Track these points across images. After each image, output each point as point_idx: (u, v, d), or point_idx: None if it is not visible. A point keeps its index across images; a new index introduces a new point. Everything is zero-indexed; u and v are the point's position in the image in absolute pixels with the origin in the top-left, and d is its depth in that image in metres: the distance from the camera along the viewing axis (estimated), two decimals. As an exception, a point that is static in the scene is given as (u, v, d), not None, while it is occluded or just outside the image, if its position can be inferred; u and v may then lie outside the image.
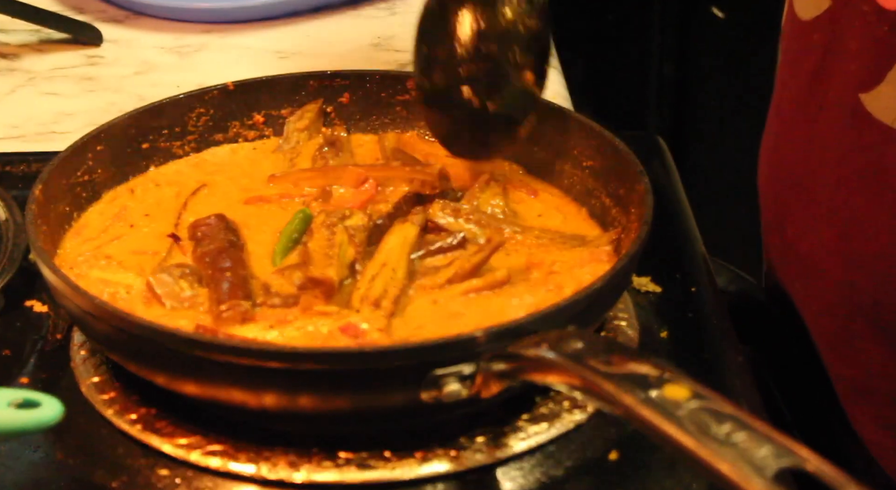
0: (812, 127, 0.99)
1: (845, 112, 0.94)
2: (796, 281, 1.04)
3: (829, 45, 0.95)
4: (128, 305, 0.91)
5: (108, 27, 1.45)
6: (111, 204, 1.03)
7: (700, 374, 0.79)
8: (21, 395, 0.80)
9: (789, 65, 1.03)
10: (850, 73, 0.93)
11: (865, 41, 0.92)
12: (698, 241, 1.10)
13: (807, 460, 0.67)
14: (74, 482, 0.87)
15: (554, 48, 1.40)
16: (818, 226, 0.99)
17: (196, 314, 0.91)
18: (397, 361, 0.82)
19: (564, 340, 0.80)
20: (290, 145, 1.10)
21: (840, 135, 0.95)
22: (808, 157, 1.00)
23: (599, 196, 1.02)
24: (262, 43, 1.44)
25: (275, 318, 0.89)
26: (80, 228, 1.01)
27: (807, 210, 1.00)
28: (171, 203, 1.04)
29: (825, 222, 0.98)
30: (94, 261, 0.96)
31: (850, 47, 0.93)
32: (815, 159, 0.99)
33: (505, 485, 0.86)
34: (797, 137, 1.01)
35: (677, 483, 0.86)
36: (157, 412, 0.90)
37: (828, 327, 1.01)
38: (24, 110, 1.32)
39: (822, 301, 1.01)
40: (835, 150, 0.96)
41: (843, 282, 0.98)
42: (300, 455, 0.86)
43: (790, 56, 1.03)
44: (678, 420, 0.70)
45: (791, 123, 1.02)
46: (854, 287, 0.97)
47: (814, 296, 1.02)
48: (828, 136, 0.97)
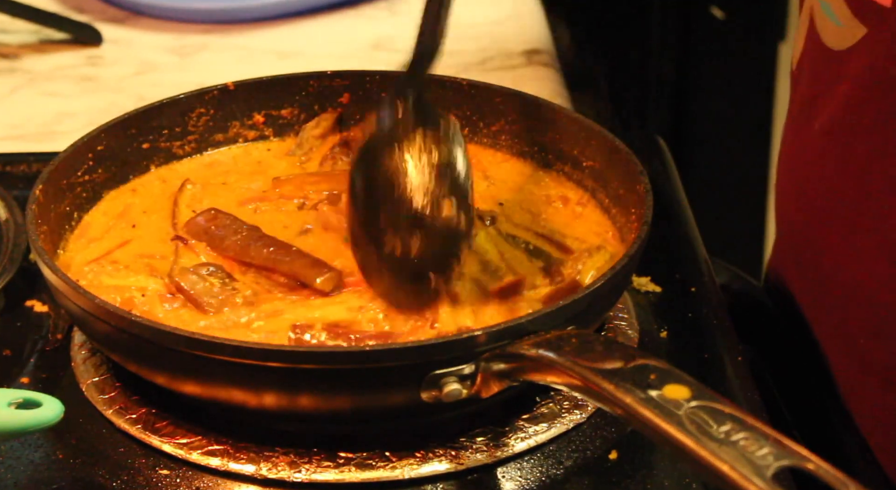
0: (848, 156, 0.97)
1: (892, 137, 0.93)
2: (836, 311, 1.03)
3: (866, 73, 0.94)
4: (148, 308, 0.92)
5: (108, 27, 1.45)
6: (113, 203, 1.04)
7: (700, 374, 0.79)
8: (21, 395, 0.80)
9: (816, 96, 1.01)
10: (895, 99, 0.92)
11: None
12: (698, 241, 1.10)
13: (807, 460, 0.67)
14: (75, 482, 0.87)
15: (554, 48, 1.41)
16: (865, 256, 0.98)
17: (237, 311, 0.91)
18: (397, 361, 0.82)
19: (564, 340, 0.80)
20: (304, 150, 1.10)
21: (888, 162, 0.94)
22: (845, 187, 0.98)
23: (599, 196, 1.02)
24: (262, 43, 1.44)
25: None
26: (84, 230, 1.01)
27: (847, 241, 0.99)
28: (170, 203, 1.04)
29: (874, 252, 0.97)
30: (101, 268, 0.96)
31: (890, 73, 0.92)
32: (854, 188, 0.98)
33: (505, 485, 0.86)
34: (831, 168, 1.00)
35: (677, 483, 0.86)
36: (157, 412, 0.90)
37: (876, 355, 1.00)
38: (25, 110, 1.32)
39: (868, 324, 1.00)
40: (880, 177, 0.95)
41: (894, 307, 0.97)
42: (300, 455, 0.86)
43: (819, 87, 1.01)
44: (678, 420, 0.70)
45: (822, 154, 1.01)
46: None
47: (857, 321, 1.01)
48: (871, 164, 0.96)
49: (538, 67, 1.37)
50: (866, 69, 0.94)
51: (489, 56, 1.39)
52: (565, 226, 1.01)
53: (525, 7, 1.49)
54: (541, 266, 0.96)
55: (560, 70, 1.37)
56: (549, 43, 1.43)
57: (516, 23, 1.46)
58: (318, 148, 1.10)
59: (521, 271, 0.95)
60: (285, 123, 1.12)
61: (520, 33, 1.44)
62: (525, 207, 1.03)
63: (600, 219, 1.01)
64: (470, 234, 0.92)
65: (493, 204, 1.03)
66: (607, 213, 1.01)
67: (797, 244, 1.08)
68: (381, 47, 1.42)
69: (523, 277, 0.93)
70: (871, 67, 0.93)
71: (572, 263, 0.95)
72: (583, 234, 1.00)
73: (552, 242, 0.98)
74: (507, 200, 1.04)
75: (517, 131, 1.08)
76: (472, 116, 1.10)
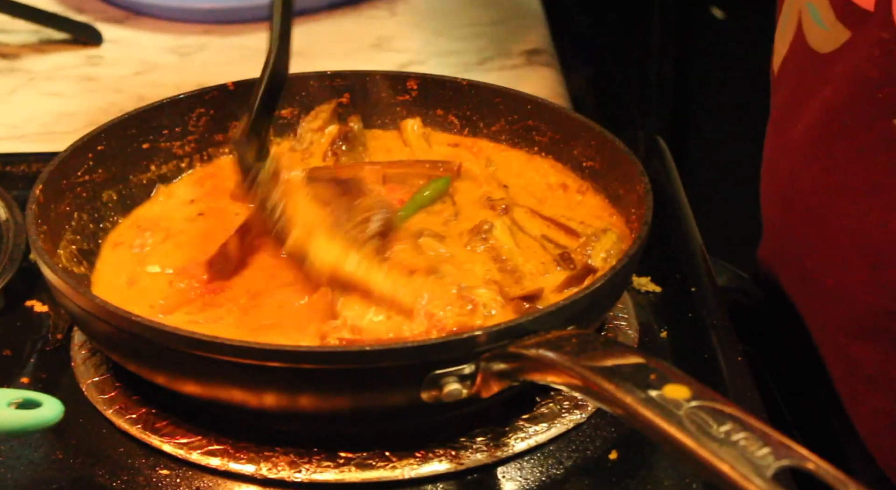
0: (830, 158, 0.98)
1: (874, 139, 0.93)
2: (820, 312, 1.03)
3: (849, 76, 0.94)
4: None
5: (108, 27, 1.45)
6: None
7: (700, 374, 0.79)
8: (21, 394, 0.80)
9: (800, 99, 1.02)
10: (877, 101, 0.92)
11: (889, 68, 0.91)
12: (698, 241, 1.10)
13: (807, 460, 0.67)
14: (75, 482, 0.87)
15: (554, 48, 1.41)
16: (846, 258, 0.98)
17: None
18: (397, 361, 0.82)
19: (564, 340, 0.80)
20: (304, 146, 1.10)
21: (869, 163, 0.94)
22: (828, 189, 0.99)
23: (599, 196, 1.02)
24: (262, 43, 1.43)
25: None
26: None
27: (828, 243, 0.99)
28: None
29: (855, 253, 0.97)
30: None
31: (872, 75, 0.92)
32: (835, 190, 0.98)
33: (505, 485, 0.86)
34: (814, 170, 1.00)
35: (677, 483, 0.86)
36: (157, 412, 0.90)
37: (861, 352, 1.00)
38: (25, 110, 1.32)
39: (850, 325, 1.00)
40: (862, 178, 0.95)
41: (878, 310, 0.97)
42: (300, 455, 0.86)
43: (802, 90, 1.01)
44: (678, 420, 0.70)
45: (805, 156, 1.01)
46: (892, 314, 0.97)
47: (839, 321, 1.01)
48: (853, 165, 0.96)
49: (538, 67, 1.38)
50: (849, 73, 0.94)
51: (489, 56, 1.39)
52: (569, 210, 1.02)
53: (525, 7, 1.49)
54: (555, 254, 0.97)
55: (560, 70, 1.37)
56: (549, 43, 1.43)
57: (516, 23, 1.46)
58: (317, 142, 1.10)
59: (536, 261, 0.97)
60: (285, 123, 1.12)
61: (520, 33, 1.44)
62: (529, 191, 1.05)
63: (602, 204, 1.02)
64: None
65: (496, 186, 1.04)
66: (609, 198, 1.02)
67: (782, 245, 1.08)
68: (381, 47, 1.42)
69: (542, 289, 0.94)
70: (854, 71, 0.94)
71: (581, 248, 0.96)
72: (587, 218, 1.01)
73: (561, 227, 1.00)
74: (512, 184, 1.05)
75: (517, 131, 1.08)
76: (472, 116, 1.10)
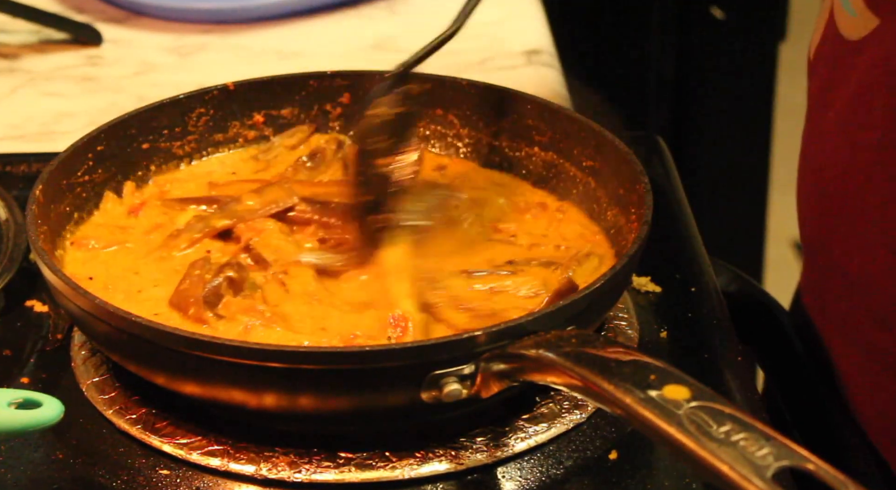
0: (856, 147, 0.98)
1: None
2: (844, 299, 1.03)
3: (877, 63, 0.94)
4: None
5: (108, 27, 1.45)
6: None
7: (700, 374, 0.79)
8: (21, 395, 0.80)
9: (831, 85, 1.02)
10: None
11: None
12: (698, 241, 1.10)
13: (807, 460, 0.67)
14: (75, 482, 0.87)
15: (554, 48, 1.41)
16: (869, 245, 0.98)
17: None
18: (397, 361, 0.82)
19: (564, 340, 0.80)
20: (268, 157, 1.09)
21: (891, 152, 0.94)
22: (852, 177, 0.99)
23: (599, 196, 1.02)
24: (262, 43, 1.44)
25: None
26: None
27: (854, 230, 1.00)
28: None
29: (877, 241, 0.97)
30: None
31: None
32: (860, 178, 0.98)
33: (505, 485, 0.86)
34: (839, 158, 1.00)
35: (677, 483, 0.86)
36: (157, 412, 0.90)
37: (880, 344, 1.00)
38: (24, 110, 1.32)
39: (873, 313, 1.00)
40: (883, 167, 0.95)
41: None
42: (300, 455, 0.86)
43: (833, 76, 1.01)
44: (678, 420, 0.70)
45: (835, 143, 1.01)
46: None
47: (863, 309, 1.01)
48: (876, 153, 0.96)
49: (538, 67, 1.37)
50: (877, 60, 0.94)
51: (489, 56, 1.39)
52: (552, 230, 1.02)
53: (525, 7, 1.49)
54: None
55: (560, 70, 1.37)
56: (549, 43, 1.42)
57: (516, 23, 1.46)
58: (282, 157, 1.09)
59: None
60: (285, 123, 1.12)
61: (520, 33, 1.44)
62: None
63: (585, 221, 1.02)
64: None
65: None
66: (591, 217, 1.02)
67: (813, 234, 1.08)
68: (381, 47, 1.42)
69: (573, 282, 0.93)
70: (881, 58, 0.94)
71: (562, 272, 0.95)
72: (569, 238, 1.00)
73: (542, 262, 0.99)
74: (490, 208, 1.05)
75: (517, 131, 1.08)
76: (472, 116, 1.10)
